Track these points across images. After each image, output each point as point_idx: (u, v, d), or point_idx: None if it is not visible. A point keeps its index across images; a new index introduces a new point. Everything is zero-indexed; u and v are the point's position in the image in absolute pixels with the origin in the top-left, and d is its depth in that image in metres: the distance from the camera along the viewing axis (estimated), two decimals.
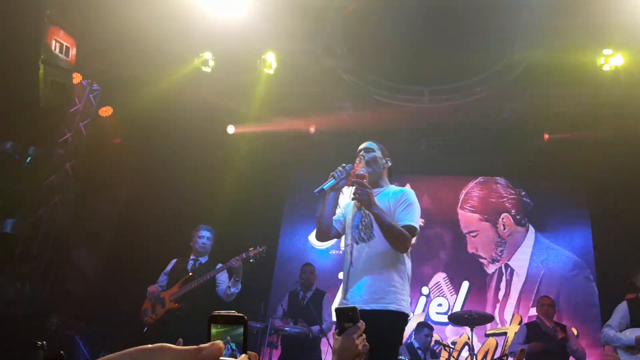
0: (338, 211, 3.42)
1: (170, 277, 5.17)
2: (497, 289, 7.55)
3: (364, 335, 1.73)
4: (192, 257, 5.26)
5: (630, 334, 4.47)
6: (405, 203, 3.12)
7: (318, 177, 9.14)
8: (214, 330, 1.02)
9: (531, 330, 5.74)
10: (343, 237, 3.37)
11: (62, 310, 6.43)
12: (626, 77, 5.98)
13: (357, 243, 3.15)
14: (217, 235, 5.38)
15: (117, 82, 7.08)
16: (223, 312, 1.07)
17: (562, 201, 7.83)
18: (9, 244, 6.25)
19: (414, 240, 3.08)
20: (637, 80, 6.02)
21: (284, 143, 7.89)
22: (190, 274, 5.04)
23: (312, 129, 7.71)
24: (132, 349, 0.58)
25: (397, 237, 2.94)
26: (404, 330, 3.07)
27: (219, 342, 0.60)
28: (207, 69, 6.54)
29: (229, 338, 1.01)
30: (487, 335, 7.19)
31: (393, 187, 3.32)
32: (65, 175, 7.00)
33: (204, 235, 5.25)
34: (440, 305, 7.56)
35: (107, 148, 7.52)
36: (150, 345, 0.57)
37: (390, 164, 3.39)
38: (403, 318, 2.97)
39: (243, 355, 0.67)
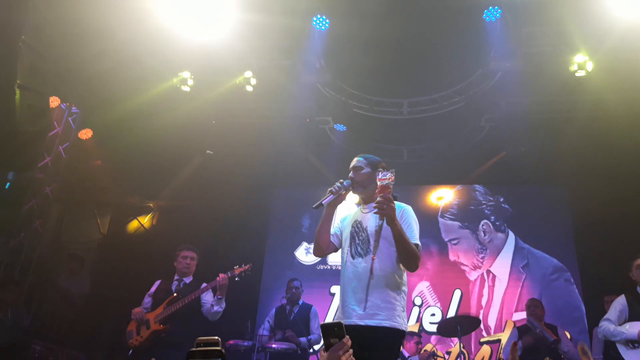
0: (334, 224, 3.43)
1: (155, 298, 5.10)
2: (480, 295, 7.60)
3: (350, 351, 1.73)
4: (176, 277, 5.20)
5: (632, 328, 4.43)
6: (407, 221, 3.12)
7: (302, 193, 9.13)
8: None
9: (522, 332, 5.79)
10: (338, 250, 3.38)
11: (46, 336, 6.31)
12: (597, 82, 6.13)
13: (353, 258, 3.15)
14: (201, 255, 5.34)
15: (95, 104, 7.05)
16: (200, 348, 1.09)
17: (540, 206, 7.94)
18: None
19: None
20: (608, 84, 6.18)
21: (266, 161, 7.90)
22: (175, 294, 4.98)
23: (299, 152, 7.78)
24: None
25: (412, 256, 2.94)
26: (400, 346, 3.06)
27: None
28: (186, 88, 6.56)
29: None
30: (481, 343, 7.22)
31: (402, 208, 3.32)
32: (46, 199, 6.92)
33: (187, 256, 5.20)
34: (433, 315, 7.59)
35: (88, 170, 7.46)
36: None
37: (379, 176, 3.37)
38: (399, 334, 2.95)
39: None
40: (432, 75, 6.82)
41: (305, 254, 8.26)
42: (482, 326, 7.25)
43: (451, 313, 7.46)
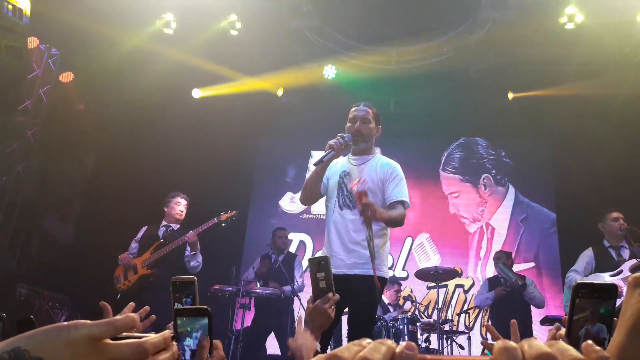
0: None
1: (141, 244, 5.16)
2: (479, 247, 7.75)
3: (333, 307, 1.82)
4: (164, 223, 5.25)
5: (596, 279, 4.63)
6: (396, 179, 3.21)
7: (288, 142, 9.08)
8: (179, 322, 1.07)
9: (492, 282, 5.99)
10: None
11: (31, 280, 6.38)
12: (588, 35, 6.06)
13: (341, 209, 3.22)
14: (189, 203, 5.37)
15: (76, 46, 6.84)
16: (187, 306, 1.11)
17: (535, 159, 8.00)
18: None
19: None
20: (598, 38, 6.11)
21: (252, 107, 7.81)
22: (162, 240, 5.04)
23: (279, 92, 7.64)
24: (47, 326, 0.59)
25: (397, 221, 3.10)
26: (382, 292, 3.31)
27: (133, 315, 0.62)
28: (169, 31, 6.38)
29: (195, 328, 1.07)
30: (429, 288, 7.35)
31: (380, 157, 3.35)
32: (27, 143, 6.83)
33: (182, 203, 5.24)
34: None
35: (70, 114, 7.33)
36: (65, 323, 0.59)
37: (380, 132, 3.38)
38: (383, 282, 3.13)
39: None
40: (421, 24, 6.68)
41: (289, 203, 8.32)
42: (479, 277, 7.42)
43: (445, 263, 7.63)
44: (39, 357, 0.56)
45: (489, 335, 5.85)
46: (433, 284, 7.09)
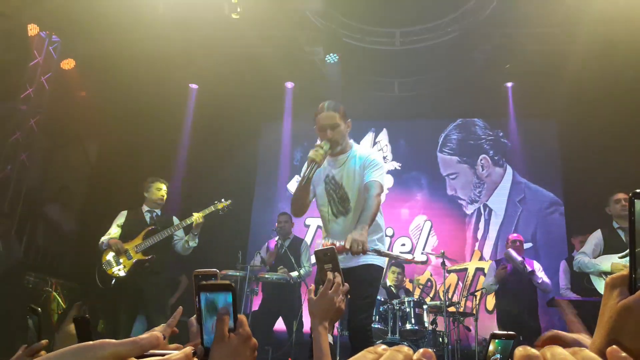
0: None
1: (126, 229, 5.14)
2: (476, 228, 7.75)
3: (343, 297, 1.79)
4: (146, 208, 5.25)
5: (605, 261, 4.64)
6: (374, 165, 3.19)
7: (292, 127, 8.98)
8: (203, 298, 1.04)
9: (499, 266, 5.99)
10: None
11: (39, 267, 6.41)
12: (593, 14, 5.97)
13: (335, 217, 3.27)
14: (187, 189, 5.39)
15: (77, 32, 6.78)
16: (211, 282, 1.09)
17: (538, 140, 7.94)
18: None
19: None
20: (605, 15, 6.01)
21: (254, 92, 7.75)
22: (153, 226, 5.07)
23: (289, 85, 7.63)
24: (74, 346, 0.60)
25: (376, 211, 3.05)
26: (380, 279, 3.34)
27: (157, 332, 0.64)
28: (171, 16, 6.30)
29: (218, 305, 1.05)
30: (449, 272, 7.42)
31: (357, 150, 3.31)
32: (30, 132, 6.81)
33: (162, 188, 5.28)
34: (403, 245, 7.76)
35: (73, 102, 7.29)
36: (91, 342, 0.60)
37: (350, 126, 3.29)
38: (380, 270, 3.23)
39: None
40: (425, 3, 6.59)
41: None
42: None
43: (429, 245, 7.65)
44: None
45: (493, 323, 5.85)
46: (453, 268, 7.13)
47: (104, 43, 6.55)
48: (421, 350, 0.41)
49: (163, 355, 0.63)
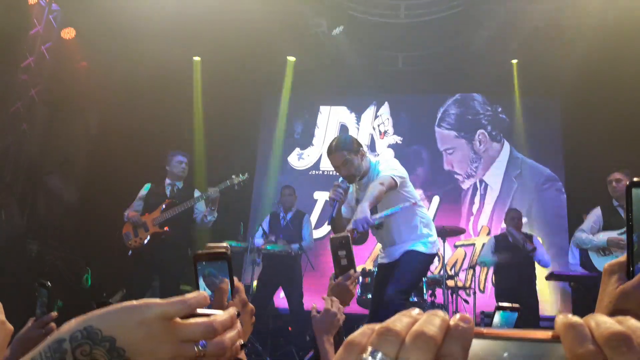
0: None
1: (147, 202, 5.19)
2: (472, 203, 7.78)
3: (355, 283, 1.89)
4: (168, 181, 5.28)
5: (602, 236, 4.68)
6: (385, 168, 3.40)
7: (293, 100, 8.92)
8: (199, 267, 1.06)
9: (500, 241, 6.01)
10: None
11: (41, 237, 6.44)
12: None
13: (374, 235, 3.62)
14: (193, 161, 5.41)
15: (76, 1, 6.68)
16: (205, 251, 1.11)
17: (536, 116, 7.91)
18: None
19: (399, 183, 3.36)
20: None
21: (255, 67, 7.68)
22: (172, 199, 5.09)
23: (291, 58, 7.56)
24: (119, 305, 0.58)
25: (377, 198, 3.14)
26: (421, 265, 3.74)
27: (204, 292, 0.63)
28: None
29: (214, 273, 1.06)
30: (456, 246, 7.49)
31: (376, 166, 3.46)
32: (32, 102, 6.76)
33: (183, 161, 5.29)
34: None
35: (74, 72, 7.22)
36: (136, 302, 0.58)
37: (364, 154, 3.44)
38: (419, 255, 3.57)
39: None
40: None
41: (297, 160, 8.32)
42: (471, 232, 7.50)
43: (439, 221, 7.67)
44: (112, 336, 0.55)
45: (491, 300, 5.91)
46: (460, 243, 7.17)
47: (104, 13, 6.45)
48: (458, 315, 0.40)
49: (209, 315, 0.61)
